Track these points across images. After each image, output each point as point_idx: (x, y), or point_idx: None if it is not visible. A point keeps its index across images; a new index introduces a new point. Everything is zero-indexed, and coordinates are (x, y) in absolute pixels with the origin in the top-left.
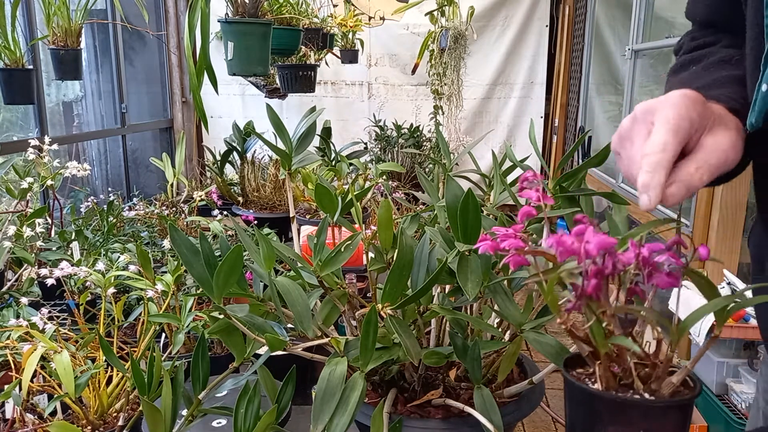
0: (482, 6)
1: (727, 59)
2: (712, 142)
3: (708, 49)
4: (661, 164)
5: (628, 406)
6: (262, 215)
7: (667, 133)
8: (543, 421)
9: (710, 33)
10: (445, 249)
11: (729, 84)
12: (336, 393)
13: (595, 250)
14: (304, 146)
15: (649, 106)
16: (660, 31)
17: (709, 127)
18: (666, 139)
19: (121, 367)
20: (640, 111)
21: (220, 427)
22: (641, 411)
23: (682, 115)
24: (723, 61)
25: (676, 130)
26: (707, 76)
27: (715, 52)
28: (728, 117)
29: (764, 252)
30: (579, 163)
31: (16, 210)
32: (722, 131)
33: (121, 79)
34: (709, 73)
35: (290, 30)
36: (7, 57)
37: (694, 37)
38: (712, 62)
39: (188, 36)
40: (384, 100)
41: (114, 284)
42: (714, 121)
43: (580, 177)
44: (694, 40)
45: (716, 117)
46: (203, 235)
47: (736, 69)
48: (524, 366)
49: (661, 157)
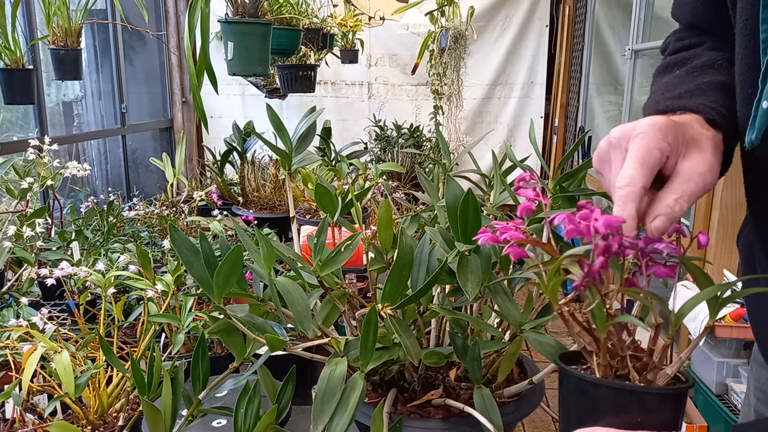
0: (482, 6)
1: (710, 63)
2: (688, 168)
3: (693, 51)
4: (629, 197)
5: (625, 394)
6: (262, 215)
7: (634, 165)
8: (543, 421)
9: (695, 34)
10: (445, 249)
11: (711, 91)
12: (336, 393)
13: (603, 227)
14: (304, 146)
15: (623, 131)
16: (660, 31)
17: (683, 152)
18: (632, 173)
19: (121, 367)
20: (614, 137)
21: (220, 427)
22: (638, 399)
23: (651, 146)
24: (706, 65)
25: (643, 162)
26: (689, 82)
27: (700, 55)
28: (704, 135)
29: (754, 252)
30: (579, 163)
31: (16, 210)
32: (697, 155)
33: (121, 79)
34: (692, 78)
35: (290, 30)
36: (7, 57)
37: (680, 37)
38: (695, 66)
39: (188, 36)
40: (384, 100)
41: (114, 284)
42: (688, 145)
43: (580, 177)
44: (680, 40)
45: (689, 139)
46: (203, 235)
47: (718, 74)
48: (524, 366)
49: (629, 191)
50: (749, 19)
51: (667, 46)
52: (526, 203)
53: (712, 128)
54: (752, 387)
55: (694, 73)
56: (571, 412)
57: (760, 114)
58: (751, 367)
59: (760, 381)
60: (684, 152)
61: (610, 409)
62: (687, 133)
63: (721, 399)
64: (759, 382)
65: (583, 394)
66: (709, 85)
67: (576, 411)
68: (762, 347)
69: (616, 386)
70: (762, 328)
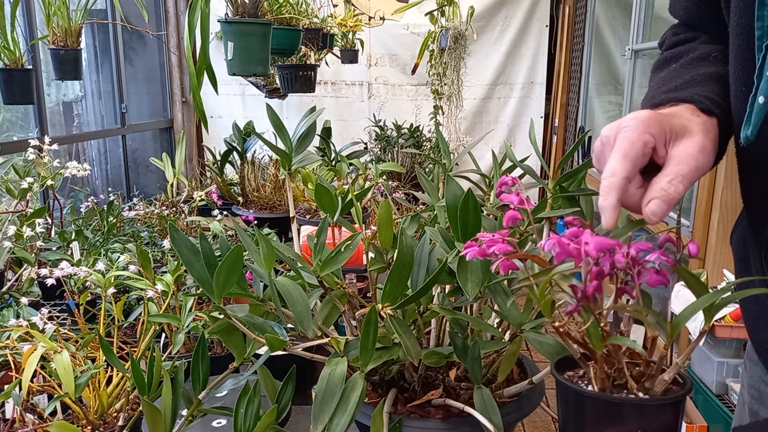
0: (482, 6)
1: (704, 56)
2: (679, 152)
3: (688, 45)
4: (611, 187)
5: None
6: (262, 215)
7: (615, 157)
8: (543, 421)
9: (690, 29)
10: (445, 249)
11: (706, 82)
12: (336, 393)
13: (594, 251)
14: (304, 146)
15: (610, 129)
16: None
17: (673, 138)
18: (614, 164)
19: (121, 367)
20: (604, 135)
21: (220, 427)
22: (637, 410)
23: (633, 138)
24: (701, 57)
25: (625, 154)
26: (684, 74)
27: (695, 48)
28: (693, 121)
29: (748, 249)
30: (579, 163)
31: (16, 210)
32: (687, 140)
33: (121, 79)
34: (687, 71)
35: (290, 30)
36: (6, 57)
37: (676, 32)
38: (690, 59)
39: (188, 36)
40: (384, 100)
41: (114, 284)
42: (677, 132)
43: (580, 177)
44: (676, 35)
45: (678, 127)
46: (203, 235)
47: (713, 65)
48: (524, 366)
49: (612, 181)
50: (743, 17)
51: (664, 41)
52: (512, 213)
53: (705, 115)
54: (746, 385)
55: (690, 65)
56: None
57: (756, 110)
58: (744, 364)
59: (753, 379)
60: (673, 139)
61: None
62: (675, 122)
63: (721, 399)
64: (753, 380)
65: (581, 407)
66: (704, 76)
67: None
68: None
69: (616, 400)
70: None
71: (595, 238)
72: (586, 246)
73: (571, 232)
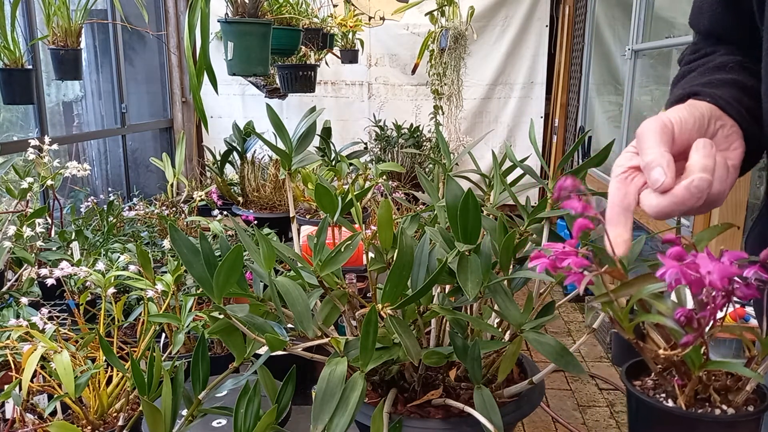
0: (482, 6)
1: (721, 66)
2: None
3: (706, 59)
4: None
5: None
6: (262, 215)
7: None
8: (543, 421)
9: (711, 44)
10: (445, 249)
11: (721, 85)
12: (336, 393)
13: (719, 281)
14: (304, 146)
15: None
16: (660, 31)
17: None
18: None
19: (121, 367)
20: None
21: (220, 427)
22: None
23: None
24: (717, 67)
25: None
26: (700, 79)
27: (712, 60)
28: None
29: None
30: (579, 163)
31: (16, 210)
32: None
33: (121, 79)
34: (703, 76)
35: (290, 30)
36: (6, 57)
37: (695, 49)
38: (707, 68)
39: (188, 36)
40: (384, 100)
41: (114, 284)
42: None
43: (580, 177)
44: (695, 52)
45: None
46: (203, 235)
47: (729, 73)
48: (524, 366)
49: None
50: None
51: (683, 57)
52: (582, 221)
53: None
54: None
55: (706, 73)
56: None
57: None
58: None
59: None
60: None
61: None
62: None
63: None
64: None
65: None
66: (720, 80)
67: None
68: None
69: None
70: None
71: (717, 265)
72: (710, 275)
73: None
